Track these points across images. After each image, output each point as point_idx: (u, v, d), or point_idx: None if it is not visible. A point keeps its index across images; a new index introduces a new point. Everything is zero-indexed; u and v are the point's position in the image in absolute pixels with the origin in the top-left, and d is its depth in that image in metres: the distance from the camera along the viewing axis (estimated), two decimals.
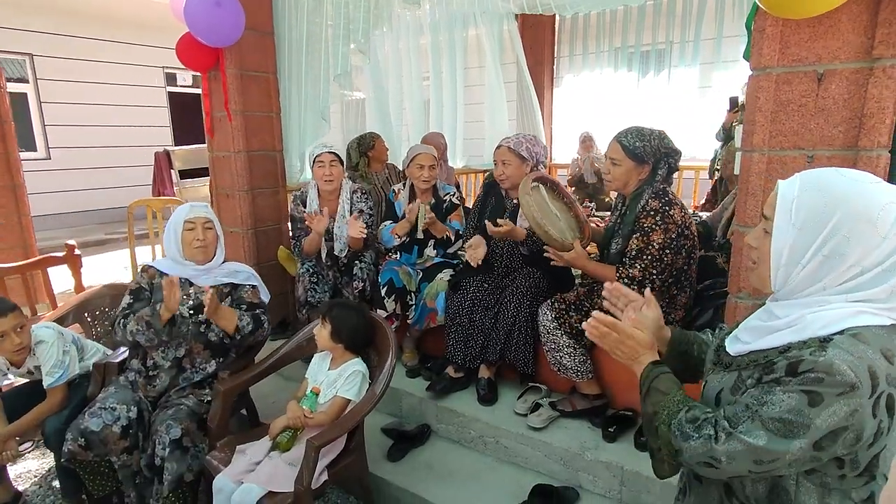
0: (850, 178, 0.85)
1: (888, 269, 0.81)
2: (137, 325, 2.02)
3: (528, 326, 2.41)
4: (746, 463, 0.85)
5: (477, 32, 5.29)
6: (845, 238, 0.81)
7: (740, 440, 0.84)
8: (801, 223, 0.85)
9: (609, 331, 1.09)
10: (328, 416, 1.91)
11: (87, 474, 2.05)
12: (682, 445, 0.92)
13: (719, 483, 0.99)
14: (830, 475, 0.86)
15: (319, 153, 2.89)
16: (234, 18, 2.70)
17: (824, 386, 0.78)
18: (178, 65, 10.56)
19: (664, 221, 2.03)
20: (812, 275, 0.85)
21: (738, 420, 0.86)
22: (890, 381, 0.79)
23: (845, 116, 1.43)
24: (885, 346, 0.80)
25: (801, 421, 0.80)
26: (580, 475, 2.12)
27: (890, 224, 0.80)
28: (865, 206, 0.81)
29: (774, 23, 1.47)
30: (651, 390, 1.02)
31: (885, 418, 0.80)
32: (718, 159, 5.25)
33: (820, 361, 0.79)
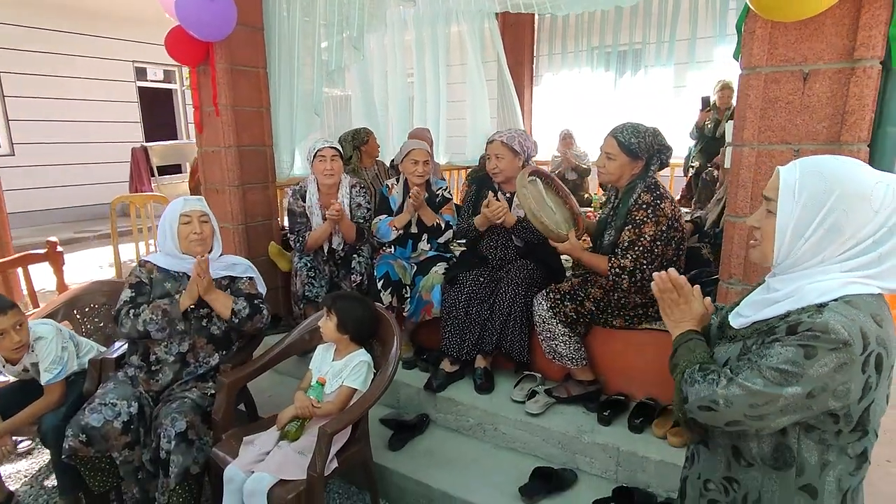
0: (843, 162, 0.96)
1: (878, 241, 0.91)
2: (153, 315, 2.01)
3: (523, 316, 2.48)
4: (743, 407, 0.94)
5: (459, 30, 5.35)
6: (844, 213, 0.91)
7: (739, 384, 0.94)
8: (804, 201, 0.95)
9: (673, 288, 1.15)
10: (335, 405, 1.94)
11: (88, 471, 2.03)
12: (688, 390, 1.01)
13: (726, 446, 1.07)
14: (828, 432, 0.95)
15: (321, 147, 2.90)
16: (227, 13, 2.68)
17: (820, 342, 0.88)
18: (148, 58, 10.27)
19: (655, 214, 2.13)
20: (814, 248, 0.95)
21: (739, 369, 0.96)
22: (879, 341, 0.89)
23: (829, 113, 1.54)
24: (874, 312, 0.91)
25: (795, 371, 0.89)
26: (577, 457, 2.21)
27: (880, 199, 0.90)
28: (860, 185, 0.91)
29: (764, 25, 1.57)
30: (681, 347, 1.10)
31: (873, 374, 0.90)
32: (692, 157, 5.46)
33: (817, 322, 0.89)
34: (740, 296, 1.76)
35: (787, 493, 0.99)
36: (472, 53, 5.35)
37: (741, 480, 1.05)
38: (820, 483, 0.97)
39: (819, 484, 0.97)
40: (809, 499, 0.98)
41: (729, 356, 1.05)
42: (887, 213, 0.90)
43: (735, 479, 1.06)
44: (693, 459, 1.19)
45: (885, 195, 0.90)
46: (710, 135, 5.20)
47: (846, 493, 0.98)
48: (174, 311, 2.03)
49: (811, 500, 0.97)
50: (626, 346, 2.36)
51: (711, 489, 1.10)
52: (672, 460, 2.01)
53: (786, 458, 0.98)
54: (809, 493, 0.97)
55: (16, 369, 2.18)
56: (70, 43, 8.65)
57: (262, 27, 3.12)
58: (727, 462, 1.07)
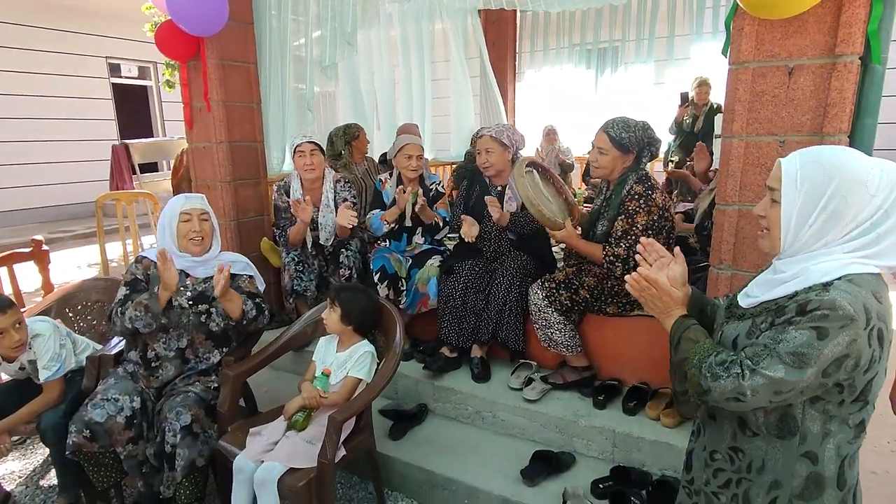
0: (839, 151, 1.04)
1: (875, 223, 0.99)
2: (136, 311, 2.00)
3: (518, 306, 2.55)
4: (768, 394, 1.00)
5: (443, 26, 5.39)
6: (843, 198, 0.98)
7: (763, 375, 0.99)
8: (805, 189, 1.01)
9: (649, 286, 1.20)
10: (341, 395, 1.97)
11: (92, 466, 2.02)
12: (712, 385, 1.05)
13: (732, 418, 1.13)
14: (832, 402, 1.02)
15: (299, 143, 2.92)
16: (219, 7, 2.68)
17: (829, 321, 0.94)
18: (121, 54, 10.08)
19: (647, 205, 2.22)
20: (818, 233, 1.02)
21: (759, 358, 1.01)
22: (879, 316, 0.97)
23: (812, 106, 1.64)
24: (874, 289, 0.98)
25: (811, 353, 0.95)
26: (575, 441, 2.28)
27: (876, 184, 0.98)
28: (856, 171, 0.99)
29: (752, 22, 1.66)
30: (682, 339, 1.15)
31: (877, 348, 0.97)
32: (672, 151, 5.60)
33: (825, 300, 0.95)
34: (730, 281, 1.86)
35: (789, 460, 1.06)
36: (455, 50, 5.40)
37: (746, 450, 1.11)
38: (821, 450, 1.04)
39: (820, 451, 1.04)
40: (810, 465, 1.05)
41: (738, 333, 1.10)
42: (883, 196, 0.97)
43: (740, 449, 1.12)
44: (699, 432, 1.25)
45: (880, 179, 0.98)
46: (688, 130, 5.35)
47: (844, 459, 1.05)
48: (153, 306, 2.01)
49: (812, 466, 1.05)
50: (618, 332, 2.45)
51: (718, 459, 1.16)
52: (665, 440, 2.10)
53: (790, 427, 1.05)
54: (811, 459, 1.04)
55: (12, 367, 2.16)
56: (40, 38, 8.42)
57: (252, 21, 3.11)
58: (733, 433, 1.13)
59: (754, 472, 1.10)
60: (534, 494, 2.03)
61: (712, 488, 1.17)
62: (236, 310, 2.10)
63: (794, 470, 1.06)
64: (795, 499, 1.06)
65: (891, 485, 2.34)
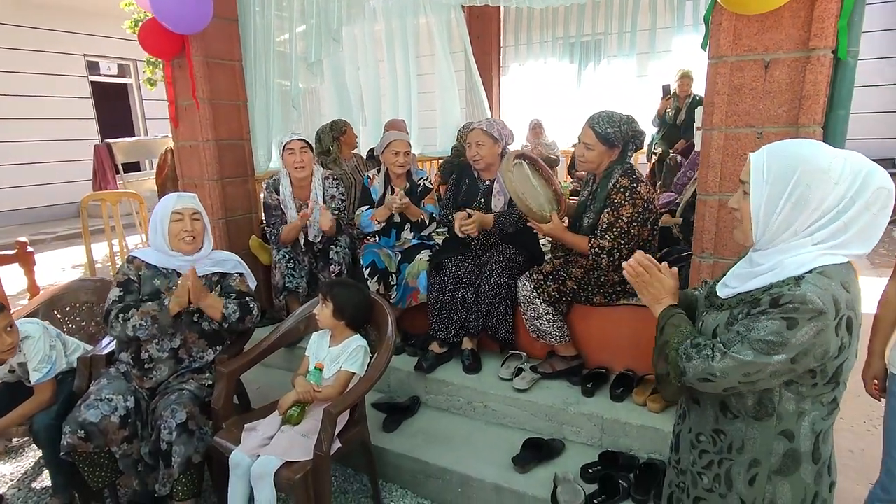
0: (804, 143, 1.09)
1: (841, 210, 1.04)
2: (142, 321, 2.00)
3: (507, 298, 2.59)
4: (737, 375, 1.06)
5: (427, 21, 5.39)
6: (808, 187, 1.03)
7: (732, 357, 1.05)
8: (772, 180, 1.07)
9: (644, 272, 1.27)
10: (335, 389, 2.00)
11: (87, 467, 2.03)
12: (686, 365, 1.12)
13: (714, 402, 1.19)
14: (805, 385, 1.08)
15: (289, 140, 2.93)
16: (203, 5, 2.67)
17: (799, 313, 1.00)
18: (100, 52, 9.92)
19: (632, 197, 2.27)
20: (785, 221, 1.07)
21: (731, 343, 1.07)
22: (848, 305, 1.02)
23: (788, 98, 1.69)
24: (843, 279, 1.03)
25: (780, 341, 1.01)
26: (564, 428, 2.34)
27: (839, 173, 1.03)
28: (819, 161, 1.04)
29: (729, 17, 1.71)
30: (667, 325, 1.22)
31: (845, 335, 1.03)
32: (655, 143, 5.68)
33: (796, 294, 1.01)
34: (712, 269, 1.92)
35: (767, 439, 1.12)
36: (440, 44, 5.41)
37: (727, 431, 1.17)
38: (796, 428, 1.10)
39: (795, 429, 1.10)
40: (787, 442, 1.11)
41: (717, 324, 1.16)
42: (847, 185, 1.02)
43: (722, 431, 1.18)
44: (685, 416, 1.31)
45: (842, 168, 1.03)
46: (670, 122, 5.43)
47: (818, 435, 1.11)
48: (164, 319, 2.02)
49: (788, 444, 1.11)
50: (605, 321, 2.50)
51: (703, 441, 1.22)
52: (652, 424, 2.16)
53: (767, 409, 1.11)
54: (787, 437, 1.11)
55: (1, 370, 2.15)
56: (14, 36, 8.25)
57: (236, 18, 3.10)
58: (715, 416, 1.19)
59: (735, 452, 1.16)
60: (525, 481, 2.08)
61: (698, 468, 1.23)
62: (216, 313, 2.10)
63: (772, 448, 1.12)
64: (774, 475, 1.12)
65: (867, 461, 2.43)
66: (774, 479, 1.12)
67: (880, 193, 1.02)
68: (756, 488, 1.14)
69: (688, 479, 1.26)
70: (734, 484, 1.16)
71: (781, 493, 1.12)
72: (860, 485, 2.28)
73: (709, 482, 1.20)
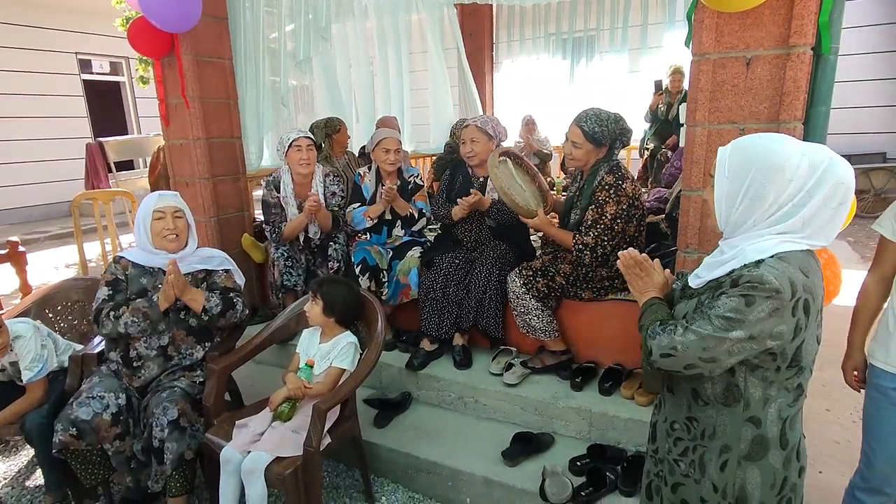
0: (764, 138, 1.13)
1: (797, 205, 1.08)
2: (133, 317, 2.02)
3: (498, 294, 2.61)
4: (697, 350, 1.10)
5: (419, 17, 5.39)
6: (762, 183, 1.08)
7: (693, 331, 1.10)
8: (731, 176, 1.12)
9: (634, 264, 1.32)
10: (326, 385, 2.02)
11: (79, 464, 2.04)
12: (652, 343, 1.17)
13: (687, 390, 1.23)
14: (769, 369, 1.12)
15: (296, 137, 2.92)
16: (192, 3, 2.67)
17: (757, 291, 1.05)
18: (92, 50, 9.88)
19: (617, 195, 2.29)
20: (744, 213, 1.12)
21: (693, 320, 1.13)
22: (806, 289, 1.06)
23: (769, 94, 1.71)
24: (802, 265, 1.08)
25: (738, 317, 1.06)
26: (554, 422, 2.37)
27: (794, 169, 1.06)
28: (774, 158, 1.08)
29: (711, 15, 1.73)
30: (646, 312, 1.27)
31: (802, 317, 1.07)
32: (647, 139, 5.71)
33: (754, 274, 1.06)
34: (696, 263, 1.94)
35: (736, 425, 1.16)
36: (432, 41, 5.41)
37: (700, 418, 1.21)
38: (763, 414, 1.14)
39: (762, 415, 1.14)
40: (755, 428, 1.15)
41: (687, 311, 1.20)
42: (803, 180, 1.06)
43: (695, 418, 1.22)
44: (661, 405, 1.35)
45: (799, 165, 1.06)
46: (662, 117, 5.45)
47: (785, 421, 1.15)
48: (154, 314, 2.04)
49: (756, 430, 1.15)
50: (594, 316, 2.53)
51: (677, 429, 1.26)
52: (640, 417, 2.19)
53: (734, 395, 1.15)
54: (754, 423, 1.15)
55: None
56: (5, 34, 8.20)
57: (225, 17, 3.10)
58: (688, 404, 1.24)
59: (707, 439, 1.20)
60: (514, 474, 2.11)
61: (674, 456, 1.27)
62: (197, 305, 2.11)
63: (741, 434, 1.16)
64: (744, 460, 1.16)
65: (853, 453, 2.45)
66: (744, 464, 1.16)
67: (838, 189, 1.06)
68: (727, 473, 1.17)
69: (665, 467, 1.29)
70: (707, 470, 1.20)
71: (751, 478, 1.16)
72: (846, 476, 2.31)
73: (685, 468, 1.24)
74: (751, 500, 1.16)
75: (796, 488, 1.19)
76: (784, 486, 1.17)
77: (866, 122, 7.55)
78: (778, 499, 1.17)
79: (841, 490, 2.23)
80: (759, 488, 1.16)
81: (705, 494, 1.20)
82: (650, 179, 5.32)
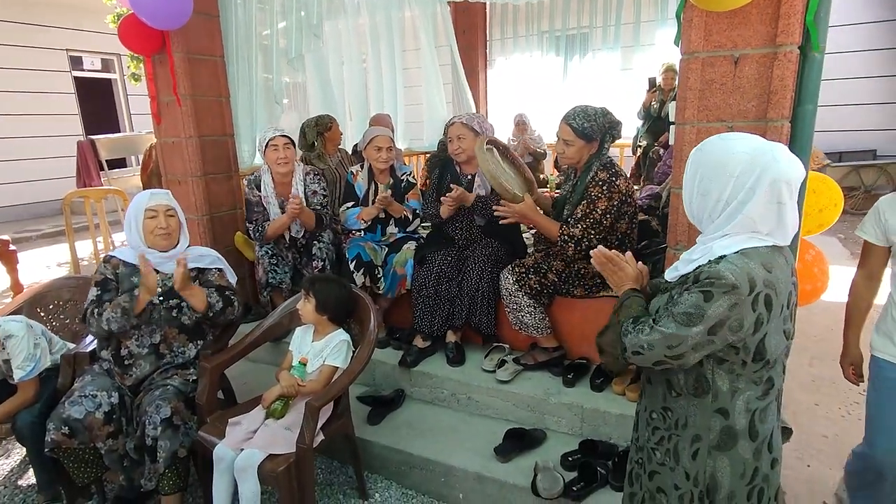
0: (724, 138, 1.16)
1: (741, 202, 1.10)
2: (113, 313, 2.01)
3: (490, 291, 2.63)
4: (662, 348, 1.14)
5: (412, 14, 5.38)
6: (708, 179, 1.14)
7: (658, 330, 1.14)
8: (689, 173, 1.20)
9: (607, 261, 1.39)
10: (319, 383, 2.03)
11: (71, 463, 2.04)
12: (625, 340, 1.22)
13: (661, 381, 1.27)
14: (735, 363, 1.15)
15: (272, 137, 2.93)
16: (183, 1, 2.66)
17: (715, 287, 1.08)
18: (83, 46, 9.82)
19: (609, 191, 2.31)
20: (699, 209, 1.18)
21: (659, 317, 1.16)
22: (767, 284, 1.08)
23: (757, 93, 1.73)
24: (765, 261, 1.10)
25: (698, 312, 1.09)
26: (546, 418, 2.38)
27: (736, 166, 1.10)
28: (719, 156, 1.13)
29: (700, 14, 1.74)
30: (623, 306, 1.30)
31: (763, 312, 1.09)
32: (640, 136, 5.73)
33: (713, 270, 1.09)
34: None
35: (705, 416, 1.19)
36: (424, 38, 5.40)
37: (673, 408, 1.25)
38: (731, 406, 1.17)
39: (730, 407, 1.18)
40: (723, 419, 1.18)
41: (659, 305, 1.24)
42: (745, 177, 1.09)
43: (669, 408, 1.26)
44: (642, 395, 1.39)
45: (743, 162, 1.09)
46: (655, 115, 5.47)
47: (754, 414, 1.18)
48: (130, 309, 2.03)
49: (724, 420, 1.18)
50: (586, 313, 2.54)
51: (654, 418, 1.30)
52: (630, 413, 2.20)
53: (703, 386, 1.18)
54: (722, 414, 1.18)
55: None
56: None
57: (217, 14, 3.09)
58: (663, 394, 1.27)
59: (680, 428, 1.24)
60: (506, 469, 2.13)
61: (651, 444, 1.31)
62: (200, 303, 2.11)
63: (710, 424, 1.19)
64: (713, 449, 1.20)
65: (840, 446, 2.50)
66: (714, 453, 1.20)
67: (775, 186, 1.08)
68: (698, 462, 1.21)
69: (644, 455, 1.34)
70: (680, 458, 1.24)
71: (721, 467, 1.20)
72: (834, 469, 2.35)
73: (661, 457, 1.28)
74: (721, 488, 1.20)
75: (768, 479, 1.23)
76: (755, 476, 1.20)
77: (857, 120, 7.61)
78: (748, 488, 1.20)
79: (829, 484, 2.27)
80: (728, 477, 1.20)
81: (678, 482, 1.25)
82: (643, 177, 5.34)
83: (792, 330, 1.19)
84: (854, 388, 2.96)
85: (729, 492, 1.20)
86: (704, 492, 1.21)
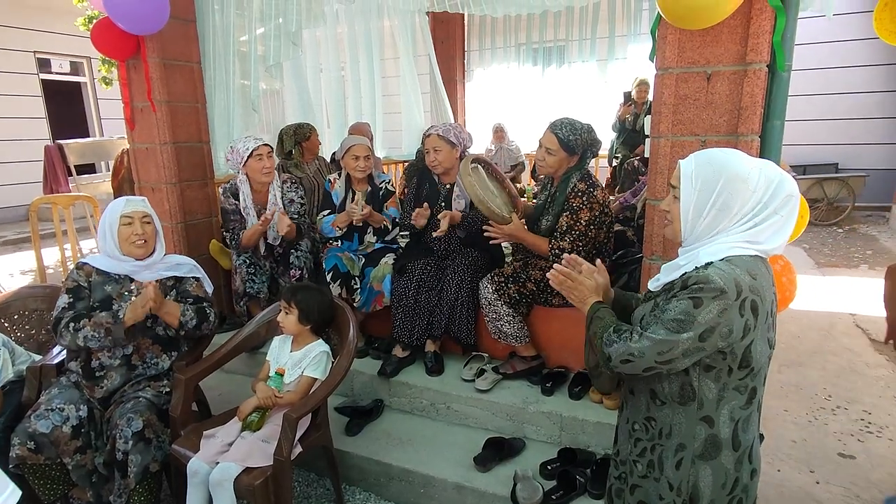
0: (726, 152, 1.20)
1: (756, 213, 1.15)
2: (94, 332, 1.95)
3: (469, 301, 2.63)
4: (653, 355, 1.15)
5: (390, 24, 5.41)
6: (730, 194, 1.14)
7: (647, 337, 1.15)
8: (699, 187, 1.17)
9: (565, 279, 1.39)
10: (297, 394, 2.00)
11: (36, 479, 1.96)
12: (609, 350, 1.22)
13: (645, 391, 1.28)
14: (722, 370, 1.17)
15: (256, 146, 2.88)
16: (159, 5, 2.62)
17: (703, 292, 1.10)
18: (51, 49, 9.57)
19: (590, 202, 2.35)
20: (711, 224, 1.18)
21: (647, 325, 1.18)
22: (752, 290, 1.11)
23: (728, 108, 1.79)
24: (750, 268, 1.13)
25: (688, 319, 1.11)
26: (525, 427, 2.40)
27: (755, 181, 1.14)
28: (739, 171, 1.15)
29: (674, 31, 1.80)
30: (594, 319, 1.31)
31: (750, 317, 1.12)
32: (616, 148, 5.85)
33: (701, 275, 1.11)
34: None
35: (690, 424, 1.21)
36: (403, 48, 5.43)
37: (657, 418, 1.26)
38: (716, 414, 1.19)
39: (715, 415, 1.19)
40: (708, 428, 1.20)
41: (644, 313, 1.26)
42: (762, 192, 1.14)
43: (653, 418, 1.27)
44: (623, 407, 1.40)
45: (758, 178, 1.14)
46: (630, 127, 5.60)
47: (737, 423, 1.20)
48: (117, 331, 1.98)
49: (709, 429, 1.20)
50: (564, 322, 2.57)
51: (637, 429, 1.31)
52: (608, 421, 2.24)
53: (689, 394, 1.20)
54: (707, 422, 1.20)
55: None
56: None
57: (194, 19, 3.06)
58: (647, 404, 1.28)
59: (664, 438, 1.25)
60: (486, 479, 2.13)
61: (633, 456, 1.32)
62: (173, 320, 2.08)
63: (695, 433, 1.21)
64: (697, 459, 1.22)
65: (807, 450, 2.58)
66: (697, 462, 1.21)
67: (789, 200, 1.14)
68: (682, 472, 1.22)
69: (626, 468, 1.34)
70: (664, 468, 1.25)
71: (703, 477, 1.21)
72: (802, 473, 2.42)
73: (643, 469, 1.29)
74: (702, 497, 1.21)
75: (748, 489, 1.25)
76: (735, 487, 1.22)
77: (819, 135, 7.93)
78: (729, 498, 1.22)
79: (798, 487, 2.33)
80: (710, 486, 1.21)
81: (662, 492, 1.25)
82: (617, 188, 5.45)
83: (774, 339, 1.21)
84: (820, 393, 3.08)
85: (709, 501, 1.21)
86: (687, 501, 1.22)
